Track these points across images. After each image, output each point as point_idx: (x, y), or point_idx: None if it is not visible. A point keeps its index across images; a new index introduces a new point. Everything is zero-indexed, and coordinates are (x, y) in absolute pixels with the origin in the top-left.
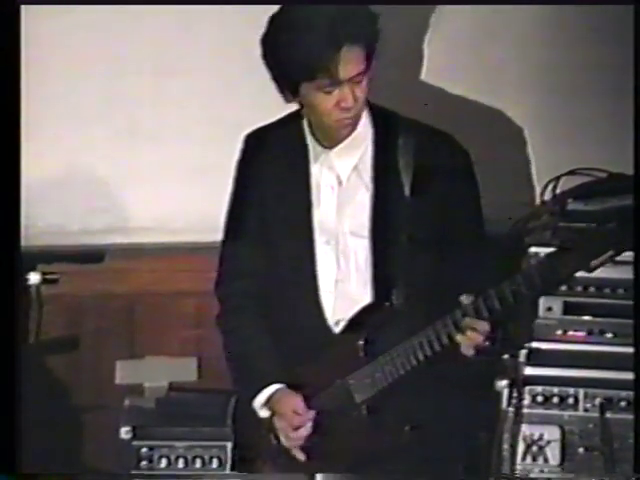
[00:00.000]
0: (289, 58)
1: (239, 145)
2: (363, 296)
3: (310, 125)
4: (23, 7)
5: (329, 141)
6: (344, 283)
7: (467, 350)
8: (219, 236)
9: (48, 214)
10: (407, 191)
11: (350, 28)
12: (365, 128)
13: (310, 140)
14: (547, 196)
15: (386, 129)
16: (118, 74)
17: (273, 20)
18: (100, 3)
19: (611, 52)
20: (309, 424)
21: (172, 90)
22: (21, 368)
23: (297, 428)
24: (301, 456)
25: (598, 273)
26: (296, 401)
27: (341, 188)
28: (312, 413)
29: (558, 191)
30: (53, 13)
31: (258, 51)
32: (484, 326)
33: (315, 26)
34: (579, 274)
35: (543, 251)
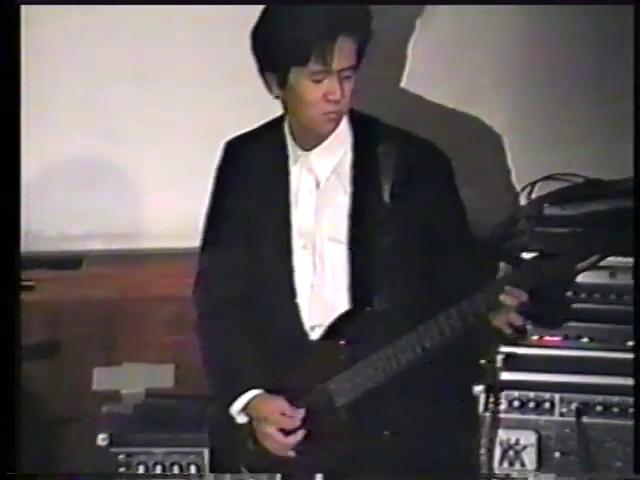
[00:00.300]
0: (284, 41)
1: (219, 152)
2: (339, 301)
3: (291, 127)
4: (23, 7)
5: (309, 141)
6: (319, 288)
7: (505, 325)
8: (198, 242)
9: (25, 220)
10: (386, 196)
11: (348, 19)
12: (345, 131)
13: (290, 142)
14: (523, 201)
15: (366, 134)
16: (100, 80)
17: (267, 10)
18: (100, 3)
19: (611, 52)
20: (300, 432)
21: (153, 96)
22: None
23: (288, 433)
24: (291, 453)
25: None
26: (280, 404)
27: (319, 190)
28: (301, 412)
29: (534, 196)
30: (53, 13)
31: (243, 57)
32: (523, 296)
33: (314, 13)
34: None
35: (524, 256)
